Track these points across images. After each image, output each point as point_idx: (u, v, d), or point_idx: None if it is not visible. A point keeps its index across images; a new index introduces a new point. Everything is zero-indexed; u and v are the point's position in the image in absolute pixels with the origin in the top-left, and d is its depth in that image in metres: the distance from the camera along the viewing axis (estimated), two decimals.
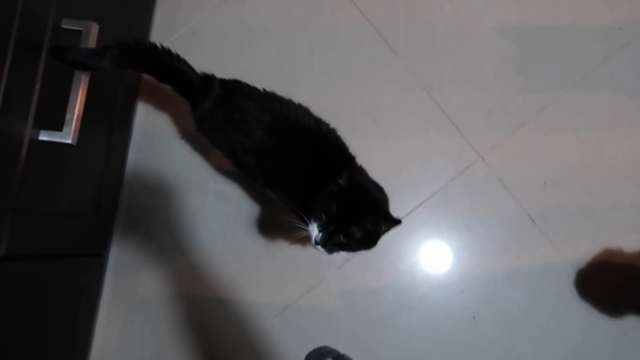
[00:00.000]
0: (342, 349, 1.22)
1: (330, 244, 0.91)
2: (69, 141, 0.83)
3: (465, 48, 1.31)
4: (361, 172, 1.04)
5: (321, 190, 0.93)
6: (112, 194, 1.17)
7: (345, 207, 0.89)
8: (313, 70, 1.31)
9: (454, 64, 1.31)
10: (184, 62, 1.01)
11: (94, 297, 1.18)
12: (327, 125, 1.04)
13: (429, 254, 1.25)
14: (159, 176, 1.28)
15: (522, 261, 1.23)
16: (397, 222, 0.92)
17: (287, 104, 1.01)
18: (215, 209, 1.27)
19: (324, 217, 0.90)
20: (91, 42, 0.87)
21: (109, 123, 1.12)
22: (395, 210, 1.25)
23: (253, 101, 0.98)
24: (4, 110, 0.73)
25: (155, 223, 1.27)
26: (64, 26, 0.85)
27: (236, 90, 1.01)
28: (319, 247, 0.91)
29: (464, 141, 1.28)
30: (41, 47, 0.81)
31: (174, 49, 1.33)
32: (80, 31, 0.86)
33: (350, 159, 1.03)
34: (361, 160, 1.05)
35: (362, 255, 1.24)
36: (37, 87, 0.80)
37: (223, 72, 1.31)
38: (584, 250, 1.23)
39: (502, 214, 1.25)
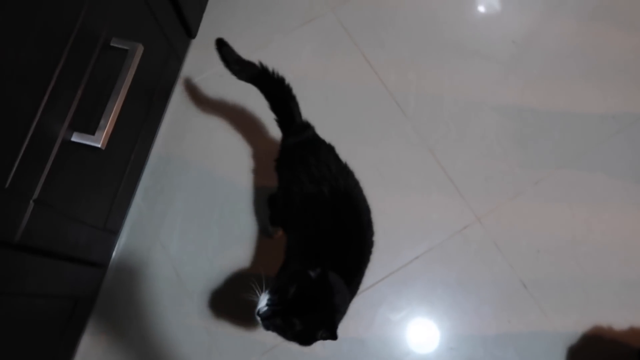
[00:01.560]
0: None
1: (269, 322, 0.90)
2: (99, 145, 0.89)
3: (470, 117, 1.41)
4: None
5: (293, 270, 0.95)
6: (121, 209, 1.20)
7: (301, 298, 0.89)
8: (326, 120, 1.39)
9: (458, 130, 1.40)
10: (297, 104, 1.12)
11: (87, 309, 1.18)
12: (368, 211, 1.08)
13: (420, 308, 1.26)
14: (167, 201, 1.33)
15: (512, 326, 1.25)
16: (334, 337, 0.90)
17: (352, 179, 1.08)
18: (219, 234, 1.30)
19: (277, 295, 0.91)
20: (134, 62, 0.95)
21: (133, 139, 1.18)
22: (389, 264, 1.30)
23: (331, 163, 1.05)
24: (47, 108, 0.80)
25: (157, 248, 1.30)
26: (113, 44, 0.94)
27: (324, 146, 1.09)
28: (258, 318, 0.91)
29: (463, 202, 1.34)
30: (90, 59, 0.89)
31: (202, 87, 1.44)
32: (126, 50, 0.94)
33: (361, 263, 1.05)
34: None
35: (355, 302, 1.25)
36: (79, 92, 0.87)
37: (243, 111, 1.42)
38: (574, 321, 1.25)
39: (495, 276, 1.28)
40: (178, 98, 1.41)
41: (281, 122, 1.13)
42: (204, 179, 1.36)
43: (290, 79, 1.45)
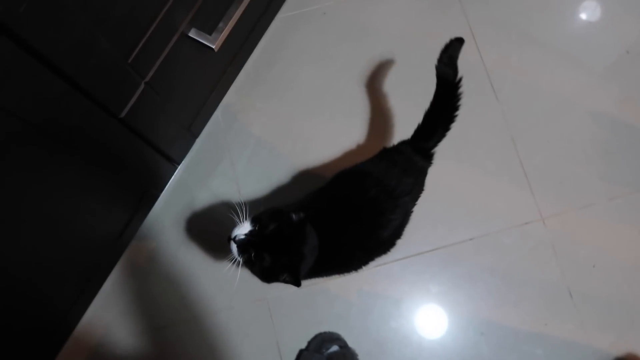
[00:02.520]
0: (349, 342, 1.25)
1: (242, 250, 0.93)
2: (213, 46, 0.91)
3: (562, 116, 1.37)
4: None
5: (279, 209, 0.97)
6: (205, 116, 1.24)
7: (277, 236, 0.92)
8: (418, 84, 1.38)
9: (546, 125, 1.36)
10: (443, 135, 1.08)
11: (150, 203, 1.24)
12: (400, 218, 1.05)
13: (461, 287, 1.27)
14: (245, 122, 1.36)
15: (548, 328, 1.24)
16: (296, 284, 0.92)
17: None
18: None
19: (257, 227, 0.94)
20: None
21: (236, 50, 1.21)
22: (442, 237, 1.30)
23: (403, 188, 1.03)
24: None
25: (226, 163, 1.34)
26: None
27: (416, 176, 1.07)
28: (233, 244, 0.93)
29: (531, 199, 1.32)
30: None
31: (303, 21, 1.43)
32: None
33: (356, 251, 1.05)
34: (430, 177, 1.11)
35: (401, 264, 1.28)
36: None
37: (333, 56, 1.41)
38: (610, 342, 1.24)
39: (544, 277, 1.27)
40: (279, 24, 1.42)
41: (419, 130, 1.09)
42: (284, 110, 1.38)
43: (391, 34, 1.44)
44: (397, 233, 1.06)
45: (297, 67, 1.40)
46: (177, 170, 1.28)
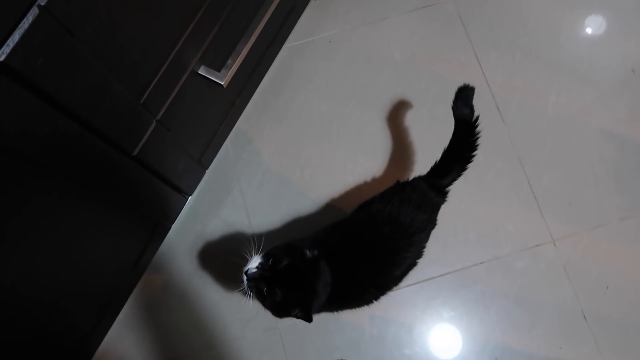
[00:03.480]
0: None
1: (253, 283, 0.94)
2: (222, 82, 0.93)
3: (570, 137, 1.37)
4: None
5: (293, 244, 0.98)
6: (215, 147, 1.26)
7: (290, 272, 0.94)
8: (422, 110, 1.40)
9: (554, 147, 1.36)
10: (459, 174, 1.11)
11: (163, 233, 1.26)
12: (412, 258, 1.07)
13: (473, 312, 1.27)
14: (254, 151, 1.38)
15: (563, 353, 1.23)
16: (308, 319, 0.93)
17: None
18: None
19: (269, 261, 0.95)
20: (271, 8, 0.98)
21: (244, 83, 1.23)
22: (452, 262, 1.30)
23: (415, 223, 1.04)
24: (189, 37, 0.85)
25: (235, 192, 1.35)
26: None
27: (429, 212, 1.08)
28: (245, 277, 0.95)
29: (541, 220, 1.31)
30: (227, 5, 0.93)
31: (309, 50, 1.46)
32: None
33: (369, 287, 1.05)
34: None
35: (412, 290, 1.27)
36: (216, 27, 0.91)
37: (340, 84, 1.43)
38: None
39: (557, 301, 1.26)
40: (285, 53, 1.45)
41: (436, 167, 1.11)
42: (293, 138, 1.39)
43: (395, 60, 1.47)
44: (410, 269, 1.07)
45: (304, 95, 1.43)
46: (187, 201, 1.29)
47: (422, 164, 1.35)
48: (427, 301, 1.28)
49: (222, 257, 1.31)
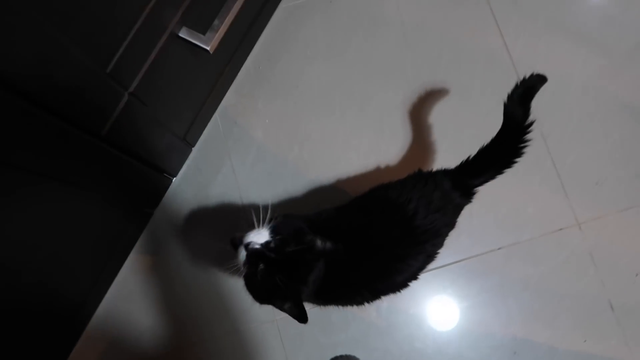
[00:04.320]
0: None
1: (251, 260, 0.81)
2: (208, 47, 0.78)
3: (597, 110, 1.24)
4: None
5: (302, 229, 0.85)
6: (203, 122, 1.12)
7: (296, 259, 0.81)
8: (435, 76, 1.25)
9: (580, 121, 1.23)
10: (492, 177, 0.95)
11: (145, 219, 1.13)
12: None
13: (491, 302, 1.16)
14: (246, 125, 1.24)
15: (587, 346, 1.13)
16: (302, 319, 0.82)
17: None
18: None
19: (277, 239, 0.82)
20: None
21: (233, 49, 1.08)
22: (468, 248, 1.19)
23: (437, 219, 0.90)
24: None
25: (227, 171, 1.22)
26: None
27: (451, 211, 0.95)
28: (243, 251, 0.82)
29: (566, 202, 1.19)
30: None
31: (308, 10, 1.30)
32: None
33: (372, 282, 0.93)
34: None
35: (424, 278, 1.16)
36: None
37: (342, 50, 1.28)
38: None
39: (581, 289, 1.15)
40: (281, 15, 1.29)
41: (468, 164, 0.95)
42: (290, 110, 1.25)
43: (404, 23, 1.31)
44: (413, 276, 0.94)
45: (303, 63, 1.27)
46: (172, 184, 1.16)
47: (438, 143, 1.22)
48: (440, 290, 1.17)
49: (211, 244, 1.19)
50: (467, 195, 0.95)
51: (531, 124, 0.85)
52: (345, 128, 1.24)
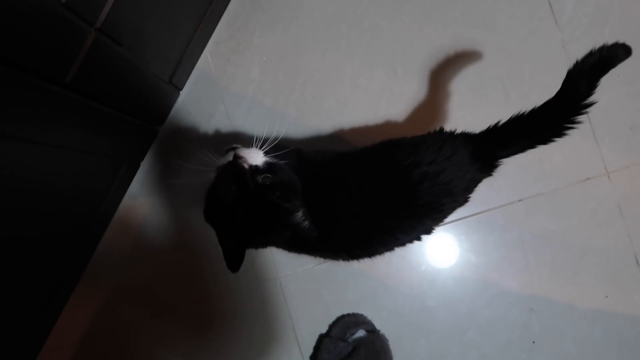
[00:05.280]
0: (378, 325, 1.08)
1: (228, 174, 0.72)
2: None
3: (637, 45, 1.09)
4: None
5: (300, 199, 0.74)
6: (191, 62, 0.98)
7: (268, 210, 0.72)
8: (456, 4, 1.09)
9: None
10: (529, 147, 0.80)
11: (132, 172, 1.01)
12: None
13: (509, 257, 1.08)
14: (241, 63, 1.09)
15: (609, 302, 1.07)
16: (228, 265, 0.74)
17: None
18: None
19: (268, 179, 0.73)
20: None
21: None
22: (486, 199, 1.09)
23: (455, 182, 0.79)
24: None
25: (221, 115, 1.09)
26: None
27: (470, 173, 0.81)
28: (230, 157, 0.72)
29: (595, 149, 1.08)
30: None
31: None
32: None
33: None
34: (472, 125, 0.86)
35: (441, 231, 1.07)
36: None
37: None
38: None
39: (607, 243, 1.07)
40: None
41: (497, 130, 0.81)
42: (290, 45, 1.10)
43: None
44: (400, 245, 0.84)
45: None
46: (159, 133, 1.03)
47: (458, 83, 1.08)
48: (455, 245, 1.08)
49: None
50: (488, 168, 0.83)
51: (591, 104, 0.71)
52: (352, 66, 1.09)
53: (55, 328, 1.08)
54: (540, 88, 1.08)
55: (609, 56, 0.68)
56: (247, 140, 1.02)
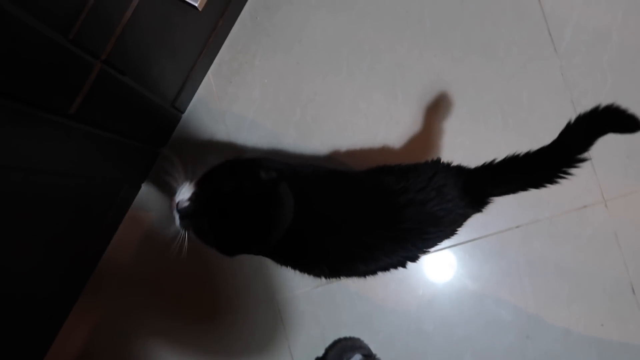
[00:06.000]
0: (374, 349, 1.08)
1: (189, 220, 0.74)
2: (196, 4, 0.64)
3: (636, 73, 1.10)
4: None
5: (241, 161, 0.77)
6: (194, 86, 0.98)
7: (239, 197, 0.72)
8: (456, 30, 1.11)
9: (614, 84, 1.10)
10: (521, 190, 0.78)
11: (131, 196, 1.02)
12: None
13: (504, 282, 1.08)
14: (243, 84, 1.10)
15: (605, 330, 1.07)
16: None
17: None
18: None
19: (206, 187, 0.73)
20: None
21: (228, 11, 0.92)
22: (483, 225, 1.09)
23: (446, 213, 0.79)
24: None
25: (222, 135, 1.09)
26: None
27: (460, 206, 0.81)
28: (176, 214, 0.73)
29: (592, 176, 1.09)
30: None
31: None
32: None
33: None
34: (469, 150, 0.86)
35: (436, 256, 1.08)
36: None
37: None
38: None
39: (603, 271, 1.08)
40: None
41: (490, 168, 0.78)
42: (291, 68, 1.11)
43: None
44: (384, 269, 0.83)
45: (306, 12, 1.12)
46: (161, 154, 1.03)
47: (457, 107, 1.09)
48: (451, 270, 1.09)
49: None
50: (478, 204, 0.81)
51: (584, 160, 0.71)
52: (353, 89, 1.11)
53: (53, 346, 1.08)
54: (539, 114, 1.10)
55: (614, 123, 0.67)
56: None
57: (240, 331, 1.09)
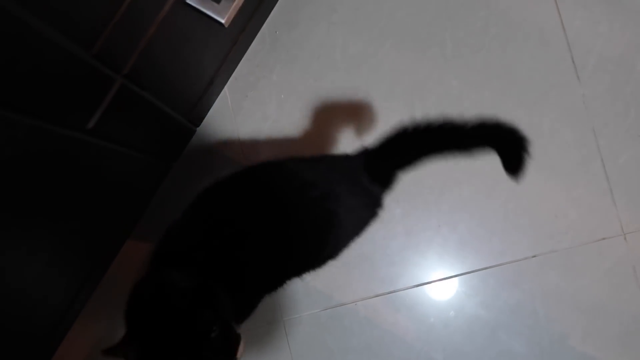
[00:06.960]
0: None
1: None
2: (222, 20, 0.62)
3: None
4: None
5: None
6: (211, 100, 0.96)
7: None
8: (477, 56, 1.09)
9: (637, 116, 1.08)
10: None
11: (143, 206, 0.99)
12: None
13: (519, 314, 1.05)
14: (258, 99, 1.08)
15: None
16: None
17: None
18: None
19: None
20: None
21: (248, 16, 0.90)
22: (499, 253, 1.07)
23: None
24: None
25: (236, 148, 1.07)
26: None
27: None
28: None
29: (612, 208, 1.06)
30: None
31: None
32: None
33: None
34: (487, 178, 0.83)
35: (451, 283, 1.05)
36: None
37: (378, 13, 1.11)
38: None
39: (621, 305, 1.05)
40: None
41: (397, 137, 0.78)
42: (309, 84, 1.09)
43: None
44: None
45: (326, 29, 1.10)
46: (172, 169, 1.01)
47: None
48: (463, 298, 1.06)
49: None
50: (383, 181, 0.77)
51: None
52: (372, 109, 1.09)
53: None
54: (559, 142, 1.07)
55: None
56: None
57: (246, 352, 1.06)
